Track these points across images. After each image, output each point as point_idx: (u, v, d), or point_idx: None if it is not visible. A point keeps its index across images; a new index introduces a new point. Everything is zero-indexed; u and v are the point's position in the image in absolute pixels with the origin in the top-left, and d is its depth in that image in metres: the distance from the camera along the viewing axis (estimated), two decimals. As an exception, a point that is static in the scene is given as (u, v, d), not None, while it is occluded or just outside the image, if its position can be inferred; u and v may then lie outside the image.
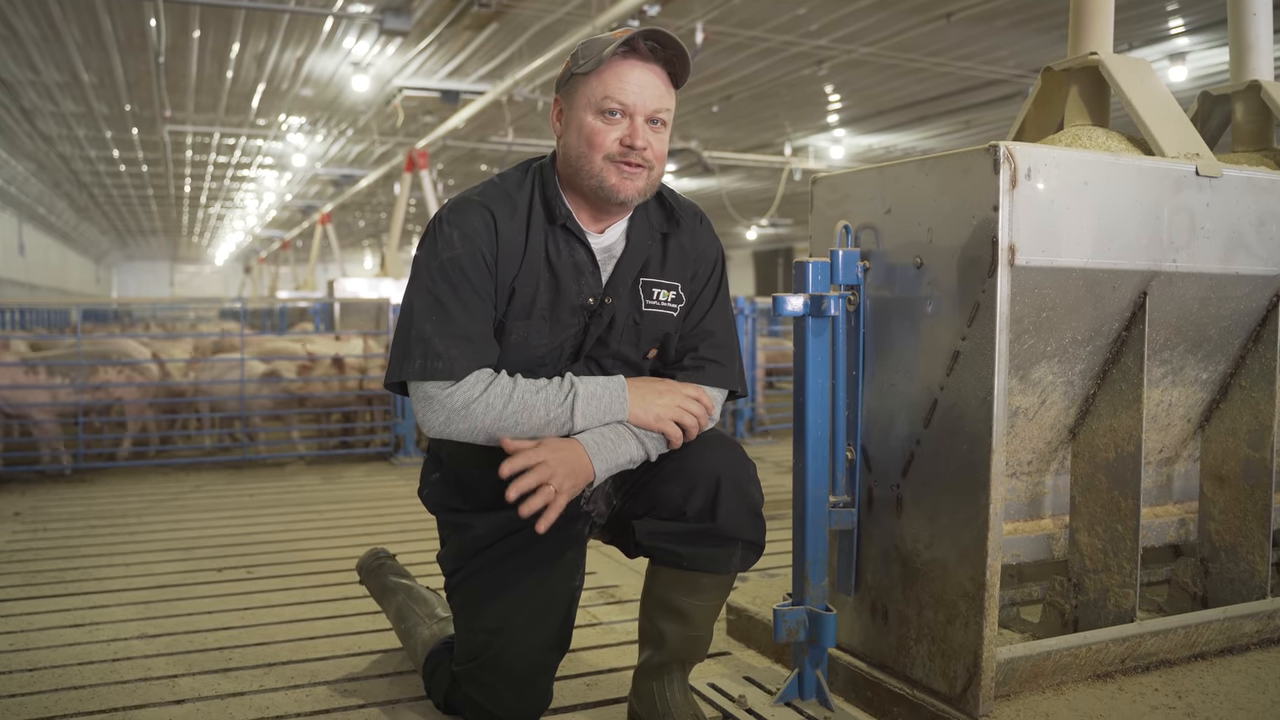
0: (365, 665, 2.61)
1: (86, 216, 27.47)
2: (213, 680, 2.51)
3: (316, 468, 5.95)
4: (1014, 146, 2.04)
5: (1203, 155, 2.39)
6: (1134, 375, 2.34)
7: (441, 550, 2.20)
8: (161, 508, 4.71)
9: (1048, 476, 2.56)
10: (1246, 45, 2.90)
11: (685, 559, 2.03)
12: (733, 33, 9.46)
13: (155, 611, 3.06)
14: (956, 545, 2.13)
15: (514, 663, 2.04)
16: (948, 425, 2.15)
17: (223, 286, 43.93)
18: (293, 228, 27.03)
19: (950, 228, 2.13)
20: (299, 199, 22.42)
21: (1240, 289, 2.44)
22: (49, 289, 28.33)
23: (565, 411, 1.95)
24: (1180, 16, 8.95)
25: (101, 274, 42.33)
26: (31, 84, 11.79)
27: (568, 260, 2.04)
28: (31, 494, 5.08)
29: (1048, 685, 2.29)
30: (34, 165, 18.35)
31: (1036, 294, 2.15)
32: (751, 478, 2.06)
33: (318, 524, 4.36)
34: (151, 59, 10.30)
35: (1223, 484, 2.65)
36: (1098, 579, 2.43)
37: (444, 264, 1.97)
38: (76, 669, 2.59)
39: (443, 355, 1.92)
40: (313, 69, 11.09)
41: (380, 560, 2.78)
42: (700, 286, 2.16)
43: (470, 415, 1.92)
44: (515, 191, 2.05)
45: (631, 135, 1.95)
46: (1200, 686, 2.33)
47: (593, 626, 2.91)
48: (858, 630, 2.42)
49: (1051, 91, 2.75)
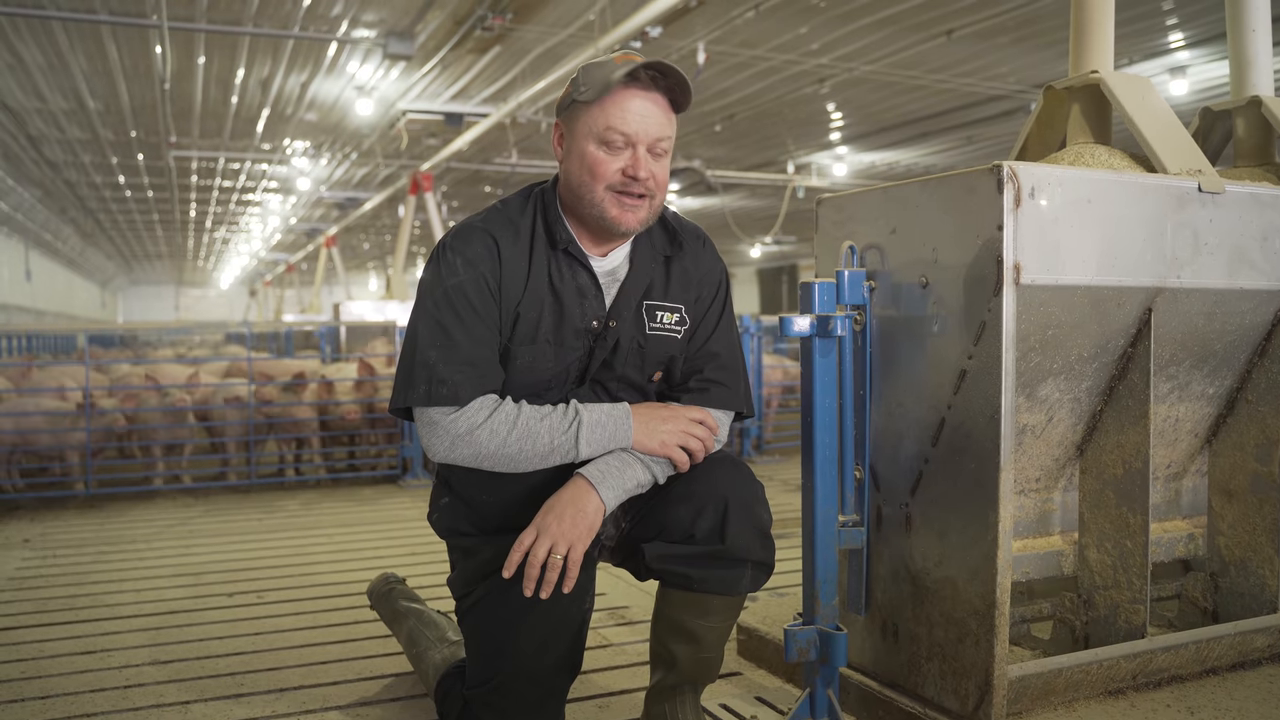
0: (377, 689, 2.62)
1: (92, 242, 27.58)
2: (225, 706, 2.51)
3: (324, 490, 5.96)
4: (1017, 166, 2.06)
5: (1205, 171, 2.40)
6: (1140, 391, 2.35)
7: (452, 574, 2.20)
8: (171, 533, 4.72)
9: (1056, 493, 2.56)
10: (1246, 61, 2.92)
11: (695, 581, 2.04)
12: (735, 52, 9.52)
13: (166, 637, 3.07)
14: (966, 563, 2.14)
15: (525, 686, 2.04)
16: (956, 444, 2.16)
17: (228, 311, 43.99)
18: (297, 251, 27.12)
19: (955, 247, 2.14)
20: (304, 222, 22.50)
21: (1245, 304, 2.44)
22: (55, 314, 28.42)
23: (570, 439, 1.96)
24: (1180, 30, 8.99)
25: (107, 299, 42.46)
26: (38, 111, 11.88)
27: (571, 284, 2.05)
28: (40, 520, 5.10)
29: (1060, 702, 2.28)
30: (40, 192, 18.44)
31: (1042, 312, 2.15)
32: (759, 498, 2.06)
33: (327, 547, 4.37)
34: (157, 85, 10.38)
35: (1231, 498, 2.65)
36: (1108, 595, 2.43)
37: (448, 290, 1.98)
38: (89, 696, 2.59)
39: (447, 381, 1.93)
40: (317, 93, 11.16)
41: (391, 585, 2.79)
42: (704, 308, 2.17)
43: (475, 441, 1.93)
44: (518, 217, 2.07)
45: (634, 166, 1.96)
46: (1213, 702, 2.33)
47: (604, 648, 2.91)
48: (869, 649, 2.42)
49: (1053, 110, 2.76)
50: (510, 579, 1.93)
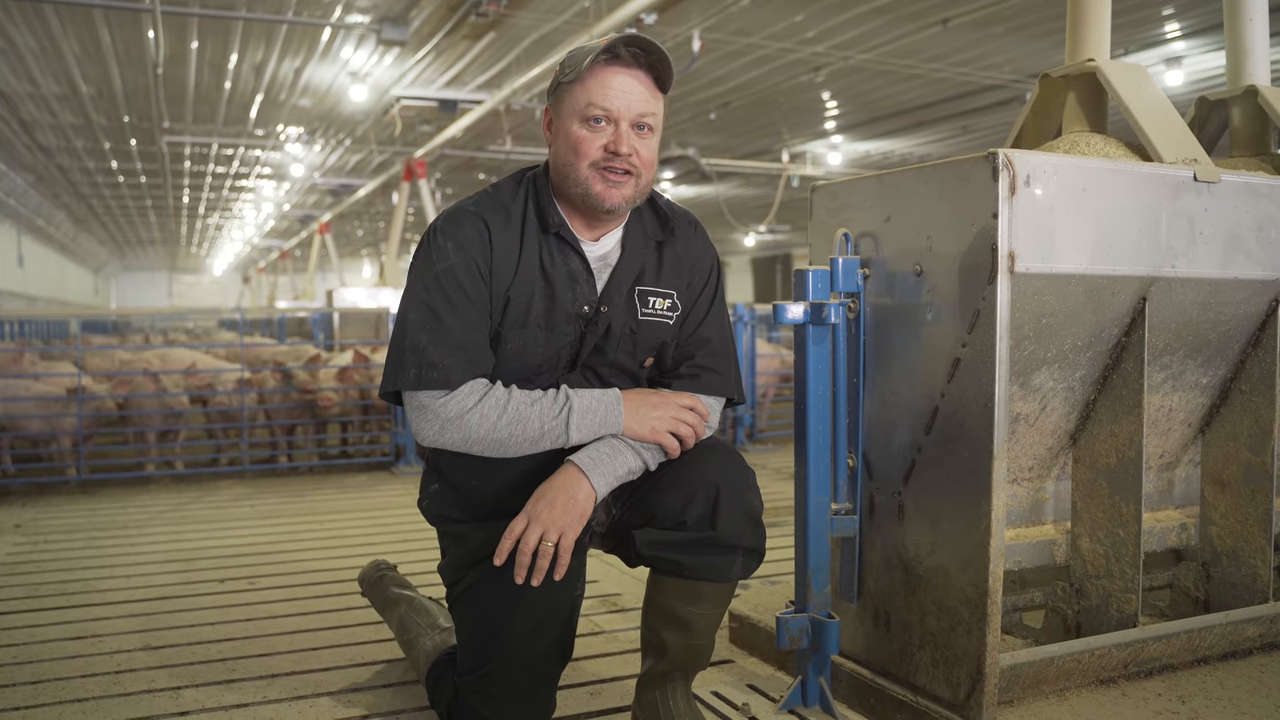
0: (368, 676, 2.61)
1: (85, 228, 27.48)
2: (216, 692, 2.50)
3: (317, 477, 5.95)
4: (1012, 154, 2.05)
5: (1201, 161, 2.39)
6: (1134, 381, 2.35)
7: (442, 561, 2.20)
8: (162, 519, 4.71)
9: (1049, 482, 2.56)
10: (1243, 51, 2.91)
11: (686, 568, 2.03)
12: (730, 40, 9.49)
13: (158, 623, 3.06)
14: (959, 552, 2.14)
15: (516, 673, 2.04)
16: (949, 432, 2.16)
17: (221, 297, 43.93)
18: (291, 237, 27.05)
19: (950, 235, 2.13)
20: (297, 209, 22.43)
21: (1239, 294, 2.44)
22: (48, 300, 28.32)
23: (560, 424, 1.96)
24: (1177, 21, 8.98)
25: (100, 285, 42.33)
26: (30, 96, 11.81)
27: (562, 268, 2.04)
28: (32, 506, 5.08)
29: (1051, 691, 2.29)
30: (33, 177, 18.36)
31: (1036, 300, 2.15)
32: (751, 485, 2.06)
33: (319, 534, 4.36)
34: (150, 70, 10.32)
35: (1224, 488, 2.65)
36: (1100, 584, 2.43)
37: (439, 274, 1.97)
38: (80, 681, 2.58)
39: (437, 365, 1.92)
40: (311, 79, 11.11)
41: (382, 572, 2.78)
42: (696, 295, 2.17)
43: (464, 425, 1.93)
44: (509, 201, 2.07)
45: (616, 141, 1.96)
46: (1203, 691, 2.33)
47: (595, 635, 2.91)
48: (860, 637, 2.42)
49: (1049, 98, 2.76)
50: (501, 566, 1.93)
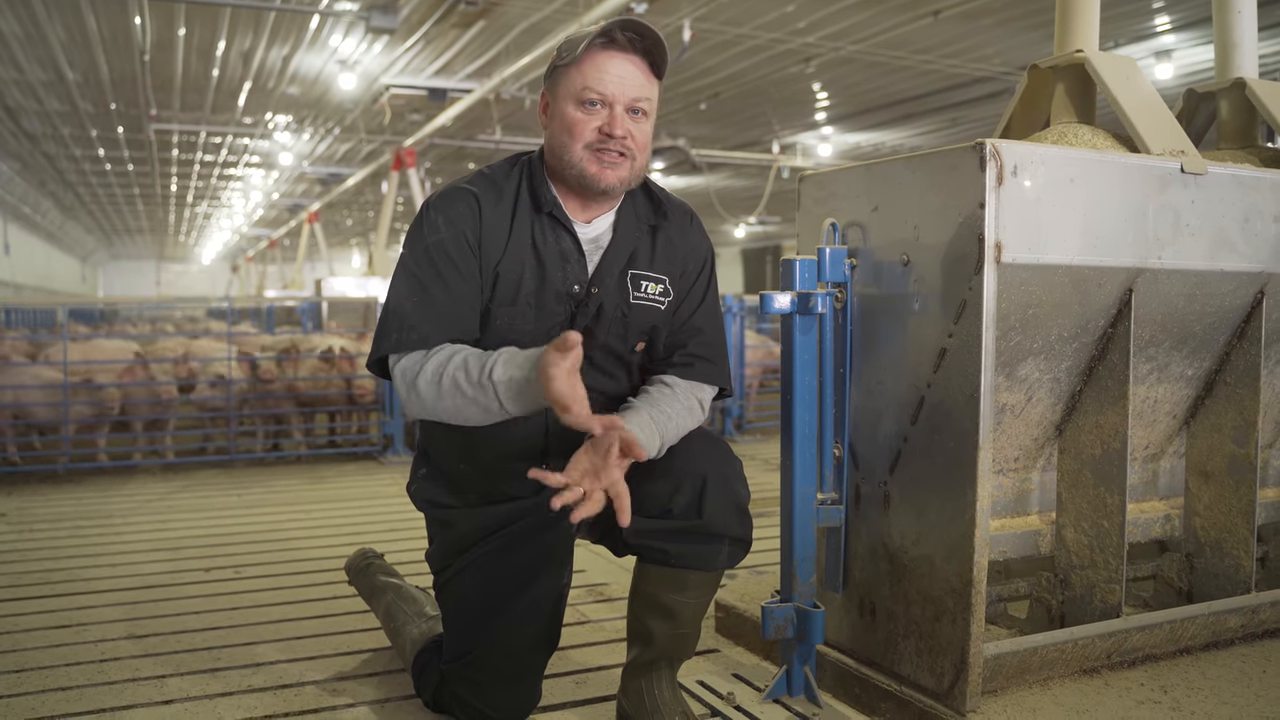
0: (354, 665, 2.61)
1: (72, 216, 27.33)
2: (201, 680, 2.50)
3: (304, 467, 5.94)
4: (1000, 144, 2.05)
5: (1188, 152, 2.40)
6: (1120, 372, 2.35)
7: (430, 548, 2.20)
8: (149, 508, 4.69)
9: (1034, 473, 2.57)
10: (1232, 43, 2.91)
11: (672, 556, 2.04)
12: (720, 30, 9.47)
13: (143, 612, 3.05)
14: (944, 542, 2.14)
15: (502, 661, 2.04)
16: (935, 422, 2.16)
17: (209, 286, 43.75)
18: (280, 226, 26.93)
19: (937, 225, 2.14)
20: (286, 198, 22.34)
21: (1225, 286, 2.45)
22: (34, 289, 28.18)
23: (493, 400, 1.85)
24: (1166, 14, 8.99)
25: (87, 273, 42.14)
26: (15, 83, 11.73)
27: (553, 247, 2.05)
28: (17, 495, 5.06)
29: (1035, 681, 2.30)
30: (19, 164, 18.25)
31: (1023, 291, 2.15)
32: (737, 475, 2.06)
33: (305, 523, 4.35)
34: (137, 57, 10.26)
35: (1208, 480, 2.66)
36: (1084, 575, 2.44)
37: (428, 247, 1.99)
38: (64, 670, 2.57)
39: (417, 327, 1.93)
40: (299, 67, 11.05)
41: (368, 560, 2.78)
42: (690, 283, 2.17)
43: (418, 389, 1.90)
44: (502, 180, 2.09)
45: (611, 124, 1.97)
46: (1185, 681, 2.35)
47: (581, 624, 2.91)
48: (845, 627, 2.43)
49: (1038, 89, 2.76)
50: (488, 552, 1.93)
